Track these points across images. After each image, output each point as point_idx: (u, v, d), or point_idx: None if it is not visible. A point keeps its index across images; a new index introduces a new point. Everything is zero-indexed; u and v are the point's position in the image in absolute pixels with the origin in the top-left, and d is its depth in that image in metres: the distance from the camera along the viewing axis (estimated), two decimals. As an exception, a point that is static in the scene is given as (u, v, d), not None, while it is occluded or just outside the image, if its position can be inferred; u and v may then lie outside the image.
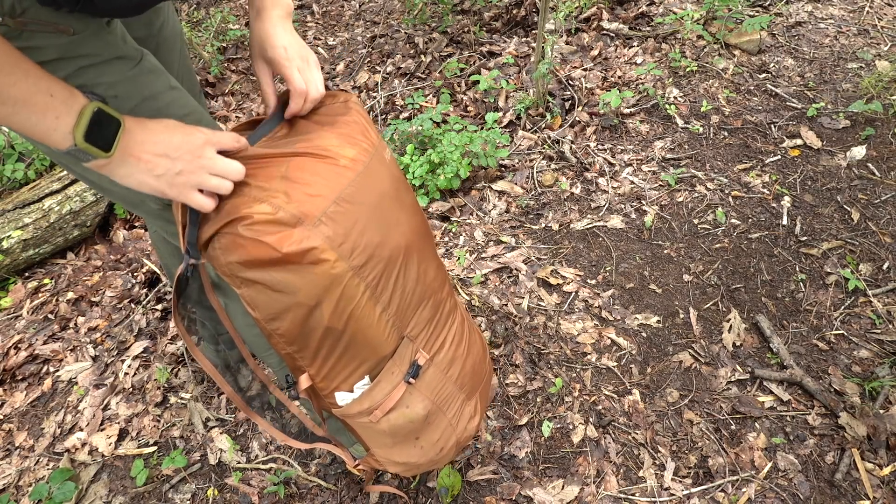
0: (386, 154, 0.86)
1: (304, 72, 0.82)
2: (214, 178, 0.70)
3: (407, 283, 0.86)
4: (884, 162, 1.96)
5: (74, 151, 0.61)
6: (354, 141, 0.81)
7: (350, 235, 0.75)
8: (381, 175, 0.82)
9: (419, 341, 0.93)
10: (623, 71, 2.50)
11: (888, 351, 1.49)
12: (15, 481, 1.47)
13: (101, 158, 0.63)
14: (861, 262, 1.71)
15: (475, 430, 1.07)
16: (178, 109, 0.82)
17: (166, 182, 0.68)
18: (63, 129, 0.60)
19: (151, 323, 1.82)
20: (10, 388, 1.70)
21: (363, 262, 0.78)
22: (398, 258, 0.83)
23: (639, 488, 1.31)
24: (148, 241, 2.12)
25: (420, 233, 0.90)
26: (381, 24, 3.31)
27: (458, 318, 1.02)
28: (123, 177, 0.67)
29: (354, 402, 0.92)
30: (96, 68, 0.73)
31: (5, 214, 2.01)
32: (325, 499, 1.36)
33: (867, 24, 2.54)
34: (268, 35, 0.83)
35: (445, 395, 0.99)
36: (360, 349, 0.86)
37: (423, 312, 0.92)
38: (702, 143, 2.16)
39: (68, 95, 0.61)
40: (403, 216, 0.85)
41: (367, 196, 0.78)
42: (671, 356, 1.56)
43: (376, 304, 0.82)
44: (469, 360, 1.02)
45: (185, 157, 0.68)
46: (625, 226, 1.92)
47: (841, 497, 1.27)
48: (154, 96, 0.79)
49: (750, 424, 1.40)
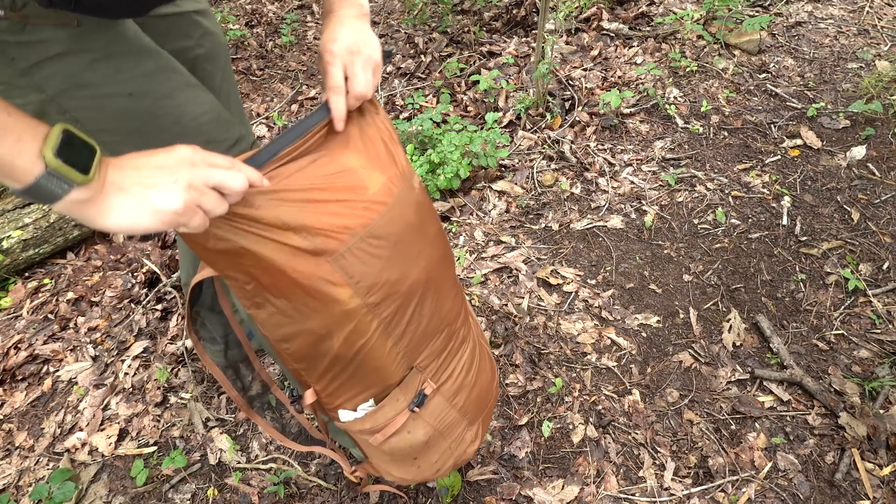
0: (415, 182, 0.81)
1: (350, 67, 0.75)
2: (212, 192, 0.59)
3: (422, 318, 0.83)
4: (884, 162, 1.96)
5: (45, 180, 0.49)
6: (384, 165, 0.76)
7: (369, 273, 0.72)
8: (408, 207, 0.78)
9: (428, 371, 0.90)
10: (623, 71, 2.50)
11: (888, 351, 1.49)
12: (15, 481, 1.47)
13: (79, 188, 0.51)
14: (861, 262, 1.71)
15: (473, 454, 1.06)
16: (195, 107, 0.79)
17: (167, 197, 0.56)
18: (28, 152, 0.49)
19: (151, 323, 1.82)
20: (10, 388, 1.70)
21: (379, 301, 0.75)
22: (415, 293, 0.80)
23: (639, 488, 1.31)
24: (148, 240, 2.12)
25: (440, 263, 0.86)
26: (381, 24, 3.31)
27: (470, 345, 0.99)
28: (111, 213, 0.55)
29: (357, 421, 0.91)
30: (109, 63, 0.70)
31: (5, 214, 2.01)
32: (325, 499, 1.36)
33: (867, 24, 2.54)
34: (328, 30, 0.77)
35: (448, 422, 0.98)
36: (367, 377, 0.84)
37: (435, 343, 0.90)
38: (702, 143, 2.16)
39: (28, 119, 0.50)
40: (426, 248, 0.81)
41: (392, 230, 0.74)
42: (671, 356, 1.56)
43: (388, 338, 0.80)
44: (476, 388, 1.01)
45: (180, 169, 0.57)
46: (625, 226, 1.92)
47: (841, 497, 1.26)
48: (170, 94, 0.76)
49: (750, 424, 1.40)
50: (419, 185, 0.83)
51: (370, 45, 0.77)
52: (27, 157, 0.49)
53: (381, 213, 0.73)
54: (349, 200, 0.71)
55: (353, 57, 0.75)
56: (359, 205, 0.71)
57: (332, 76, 0.74)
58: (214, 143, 0.85)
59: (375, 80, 0.77)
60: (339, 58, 0.74)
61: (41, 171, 0.49)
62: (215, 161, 0.60)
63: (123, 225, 0.55)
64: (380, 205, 0.73)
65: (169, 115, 0.76)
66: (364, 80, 0.75)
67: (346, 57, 0.75)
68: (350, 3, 0.79)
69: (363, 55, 0.76)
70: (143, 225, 0.56)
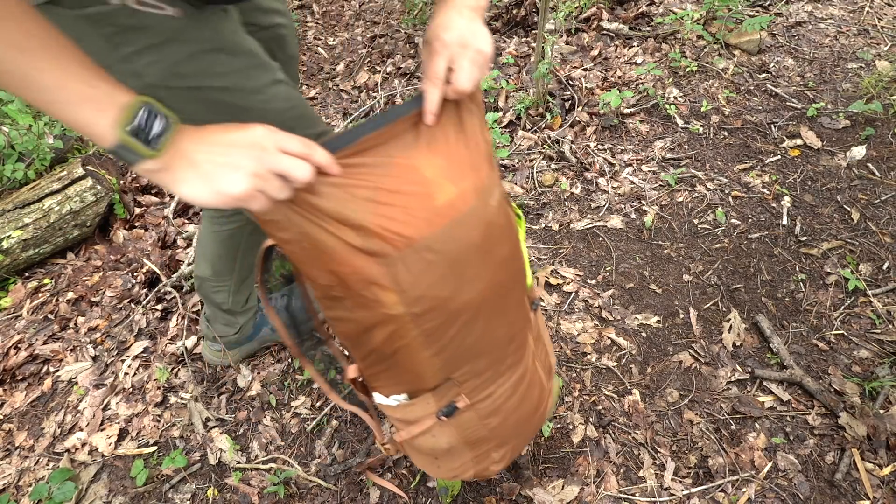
0: (493, 199, 0.77)
1: (457, 59, 0.72)
2: (276, 179, 0.61)
3: (466, 338, 0.81)
4: (884, 162, 1.96)
5: (119, 149, 0.56)
6: (461, 176, 0.73)
7: (419, 285, 0.71)
8: (475, 226, 0.74)
9: (465, 387, 0.88)
10: (623, 71, 2.50)
11: (888, 351, 1.49)
12: (15, 481, 1.47)
13: (148, 160, 0.57)
14: (861, 262, 1.71)
15: (496, 473, 1.05)
16: (282, 103, 0.80)
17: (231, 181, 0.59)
18: (105, 122, 0.54)
19: (151, 323, 1.82)
20: (10, 388, 1.70)
21: (423, 312, 0.74)
22: (464, 314, 0.78)
23: (639, 488, 1.31)
24: (148, 241, 2.12)
25: (504, 288, 0.83)
26: (381, 24, 3.32)
27: (518, 373, 0.95)
28: (179, 184, 0.59)
29: (388, 408, 0.92)
30: (207, 56, 0.71)
31: (5, 214, 2.01)
32: (325, 499, 1.36)
33: (867, 24, 2.54)
34: (442, 17, 0.74)
35: (476, 438, 0.96)
36: (401, 375, 0.84)
37: (477, 363, 0.87)
38: (702, 143, 2.16)
39: (113, 88, 0.56)
40: (486, 272, 0.78)
41: (451, 248, 0.72)
42: (671, 356, 1.56)
43: (427, 348, 0.79)
44: (515, 415, 0.98)
45: (250, 153, 0.59)
46: (625, 226, 1.92)
47: (841, 497, 1.26)
48: (260, 90, 0.77)
49: (750, 424, 1.40)
50: (499, 202, 0.78)
51: (482, 38, 0.74)
52: (104, 127, 0.54)
53: (443, 228, 0.71)
54: (413, 209, 0.69)
55: (463, 49, 0.72)
56: (421, 215, 0.69)
57: (434, 66, 0.71)
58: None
59: (482, 75, 0.75)
60: (449, 48, 0.72)
61: (115, 142, 0.55)
62: (288, 145, 0.61)
63: (188, 197, 0.60)
64: (443, 219, 0.71)
65: (257, 109, 0.77)
66: (469, 75, 0.72)
67: (456, 48, 0.72)
68: None
69: (473, 47, 0.73)
70: (205, 201, 0.59)
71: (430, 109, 0.71)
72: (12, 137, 2.19)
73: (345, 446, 1.45)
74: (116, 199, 2.19)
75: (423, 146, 0.72)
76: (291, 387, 1.59)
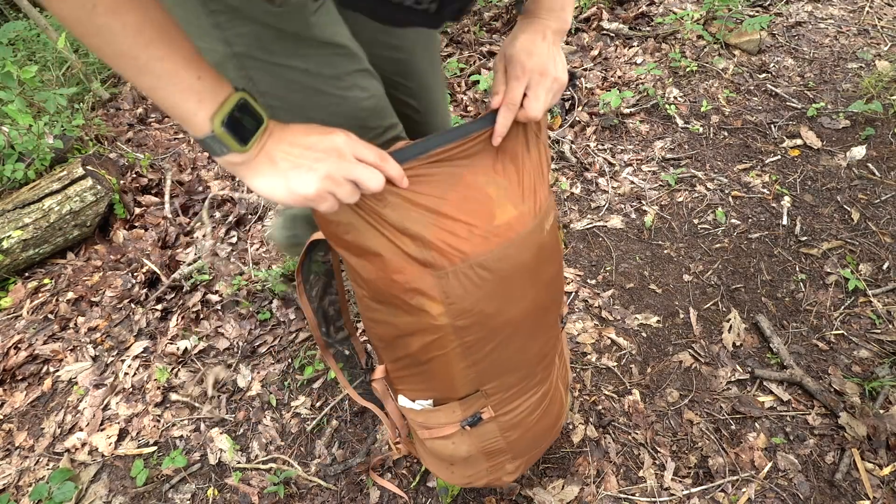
0: (547, 223, 0.80)
1: (534, 87, 0.73)
2: (348, 185, 0.63)
3: (502, 353, 0.83)
4: (884, 162, 1.96)
5: (210, 140, 0.58)
6: (521, 199, 0.76)
7: (465, 300, 0.73)
8: (528, 248, 0.77)
9: (492, 399, 0.90)
10: (623, 71, 2.50)
11: (888, 351, 1.49)
12: (15, 481, 1.47)
13: (235, 153, 0.59)
14: (861, 262, 1.71)
15: (507, 484, 1.07)
16: (359, 92, 0.81)
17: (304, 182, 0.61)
18: (203, 113, 0.57)
19: (151, 323, 1.82)
20: (10, 388, 1.70)
21: (466, 326, 0.76)
22: (505, 330, 0.81)
23: (639, 488, 1.31)
24: (148, 241, 2.12)
25: (544, 309, 0.85)
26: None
27: (543, 389, 0.98)
28: (256, 178, 0.62)
29: (412, 411, 0.93)
30: (296, 43, 0.73)
31: (5, 214, 2.01)
32: (325, 499, 1.36)
33: (867, 24, 2.54)
34: (525, 39, 0.74)
35: (494, 449, 0.98)
36: (432, 381, 0.86)
37: (508, 378, 0.89)
38: (702, 143, 2.16)
39: (216, 82, 0.58)
40: (531, 292, 0.80)
41: (503, 267, 0.74)
42: (671, 356, 1.56)
43: (463, 359, 0.81)
44: (534, 430, 1.00)
45: (327, 158, 0.62)
46: (625, 226, 1.92)
47: (841, 497, 1.26)
48: (340, 77, 0.78)
49: (750, 424, 1.40)
50: (552, 226, 0.82)
51: (561, 67, 0.75)
52: (202, 117, 0.57)
53: (499, 247, 0.73)
54: (472, 225, 0.72)
55: (542, 77, 0.73)
56: (479, 232, 0.72)
57: (512, 91, 0.73)
58: (366, 129, 0.86)
59: (553, 102, 0.76)
60: (528, 75, 0.73)
61: (208, 133, 0.57)
62: (364, 154, 0.64)
63: (262, 192, 0.63)
64: (500, 238, 0.73)
65: (334, 95, 0.78)
66: (543, 105, 0.74)
67: (536, 76, 0.73)
68: (555, 16, 0.76)
69: (551, 77, 0.74)
70: (277, 197, 0.62)
71: (499, 132, 0.74)
72: (12, 137, 2.19)
73: (345, 446, 1.45)
74: (116, 199, 2.19)
75: (489, 165, 0.74)
76: (291, 387, 1.59)
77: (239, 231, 2.11)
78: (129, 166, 2.40)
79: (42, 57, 3.41)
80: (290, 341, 1.71)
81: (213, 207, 2.26)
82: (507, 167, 0.76)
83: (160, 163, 2.53)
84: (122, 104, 3.05)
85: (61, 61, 3.29)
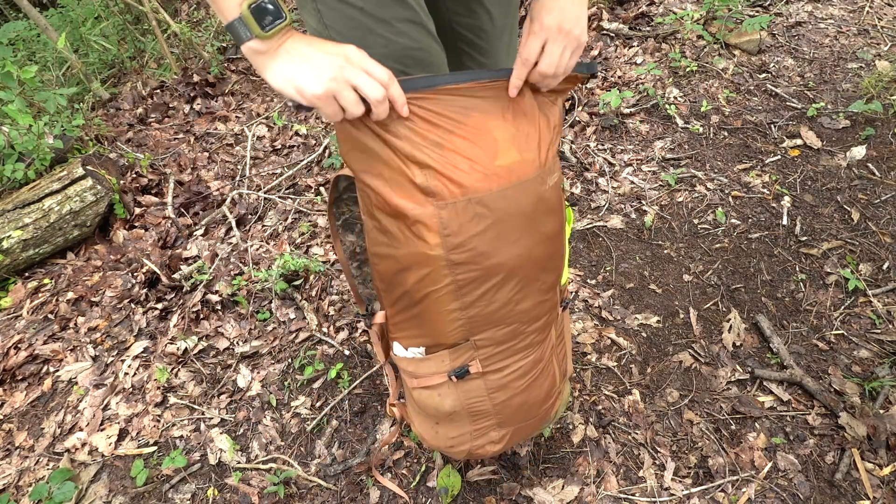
0: (551, 181, 0.83)
1: (551, 44, 0.74)
2: (352, 92, 0.68)
3: (493, 301, 0.86)
4: (884, 162, 1.96)
5: (237, 23, 0.64)
6: (526, 148, 0.78)
7: (462, 233, 0.77)
8: (528, 195, 0.80)
9: (481, 353, 0.92)
10: (623, 71, 2.50)
11: (888, 351, 1.49)
12: (15, 481, 1.47)
13: (257, 39, 0.65)
14: (861, 262, 1.71)
15: (490, 454, 1.07)
16: (407, 41, 0.83)
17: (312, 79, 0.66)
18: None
19: (151, 323, 1.82)
20: (10, 388, 1.70)
21: (460, 261, 0.79)
22: (497, 274, 0.83)
23: (639, 488, 1.31)
24: (148, 241, 2.12)
25: (538, 262, 0.87)
26: None
27: (534, 355, 0.98)
28: (273, 69, 0.67)
29: (404, 359, 0.96)
30: None
31: (5, 214, 2.02)
32: (325, 499, 1.36)
33: (867, 24, 2.54)
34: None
35: (478, 410, 0.99)
36: (424, 325, 0.89)
37: (497, 332, 0.91)
38: (702, 143, 2.16)
39: None
40: (526, 241, 0.83)
41: (501, 207, 0.78)
42: (671, 356, 1.56)
43: (455, 300, 0.84)
44: (521, 396, 1.00)
45: (335, 61, 0.67)
46: (625, 226, 1.92)
47: (841, 497, 1.26)
48: (390, 21, 0.80)
49: (750, 424, 1.40)
50: (555, 184, 0.84)
51: (581, 26, 0.75)
52: (233, 2, 0.63)
53: (499, 187, 0.76)
54: (476, 162, 0.75)
55: (560, 35, 0.74)
56: (480, 169, 0.75)
57: (528, 46, 0.75)
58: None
59: (572, 63, 0.78)
60: (546, 31, 0.74)
61: (236, 16, 0.64)
62: (372, 70, 0.68)
63: (274, 84, 0.69)
64: (501, 179, 0.76)
65: (382, 37, 0.81)
66: (556, 63, 0.75)
67: (553, 33, 0.74)
68: None
69: (570, 35, 0.75)
70: (287, 92, 0.68)
71: (514, 84, 0.77)
72: (12, 137, 2.19)
73: (345, 446, 1.45)
74: (116, 199, 2.19)
75: (500, 112, 0.78)
76: (291, 387, 1.60)
77: (239, 231, 2.11)
78: (129, 166, 2.40)
79: (42, 57, 3.41)
80: (290, 341, 1.71)
81: (213, 207, 2.26)
82: (518, 119, 0.79)
83: (160, 163, 2.53)
84: (122, 104, 3.05)
85: (61, 61, 3.29)
